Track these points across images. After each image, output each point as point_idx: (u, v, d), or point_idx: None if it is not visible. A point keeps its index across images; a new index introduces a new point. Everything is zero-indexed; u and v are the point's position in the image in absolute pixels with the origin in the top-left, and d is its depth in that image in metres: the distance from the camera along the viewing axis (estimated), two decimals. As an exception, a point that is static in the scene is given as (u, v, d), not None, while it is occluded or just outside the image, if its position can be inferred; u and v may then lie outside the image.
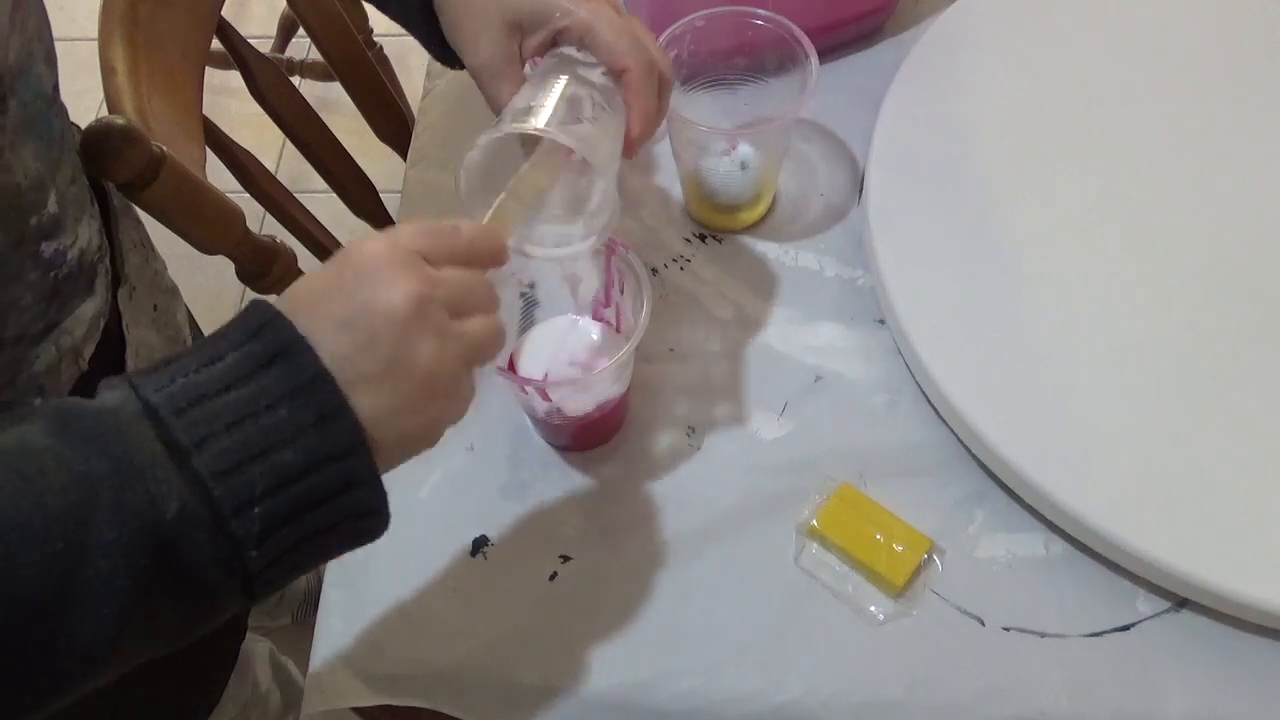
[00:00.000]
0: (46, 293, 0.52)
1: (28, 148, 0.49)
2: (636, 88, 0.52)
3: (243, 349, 0.37)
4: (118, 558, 0.33)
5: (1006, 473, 0.58)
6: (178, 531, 0.34)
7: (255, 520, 0.36)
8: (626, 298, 0.60)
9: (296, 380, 0.37)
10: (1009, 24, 0.76)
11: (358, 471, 0.38)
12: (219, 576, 0.36)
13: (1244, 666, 0.55)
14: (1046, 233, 0.67)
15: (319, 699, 0.59)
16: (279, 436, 0.36)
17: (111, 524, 0.33)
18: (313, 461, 0.37)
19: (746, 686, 0.56)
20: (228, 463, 0.35)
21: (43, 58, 0.50)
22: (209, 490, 0.35)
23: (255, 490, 0.36)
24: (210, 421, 0.35)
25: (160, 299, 0.67)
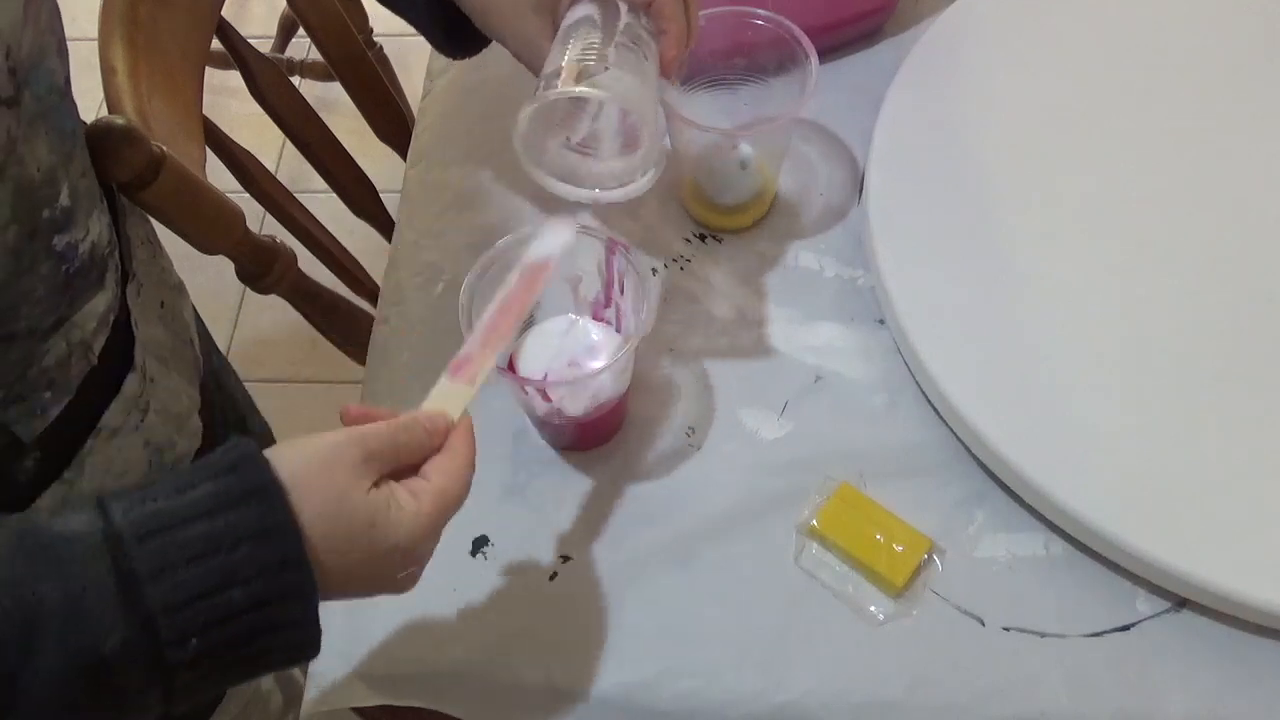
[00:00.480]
0: (58, 286, 0.52)
1: (41, 140, 0.49)
2: (666, 13, 0.53)
3: (215, 482, 0.38)
4: (54, 684, 0.34)
5: (1006, 473, 0.58)
6: (115, 663, 0.35)
7: (190, 649, 0.36)
8: (626, 298, 0.60)
9: (262, 524, 0.38)
10: (1009, 24, 0.76)
11: (297, 614, 0.39)
12: (145, 696, 0.37)
13: (1244, 666, 0.55)
14: (1046, 232, 0.67)
15: (319, 699, 0.59)
16: (233, 576, 0.37)
17: (53, 654, 0.34)
18: (257, 602, 0.38)
19: (746, 686, 0.56)
20: (179, 598, 0.36)
21: (55, 50, 0.50)
22: (154, 623, 0.36)
23: (199, 623, 0.36)
24: (170, 552, 0.36)
25: (167, 295, 0.67)
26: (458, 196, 0.75)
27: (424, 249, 0.73)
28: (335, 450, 0.42)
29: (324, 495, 0.41)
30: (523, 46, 0.55)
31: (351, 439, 0.43)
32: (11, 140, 0.46)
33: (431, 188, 0.76)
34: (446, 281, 0.71)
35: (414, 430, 0.45)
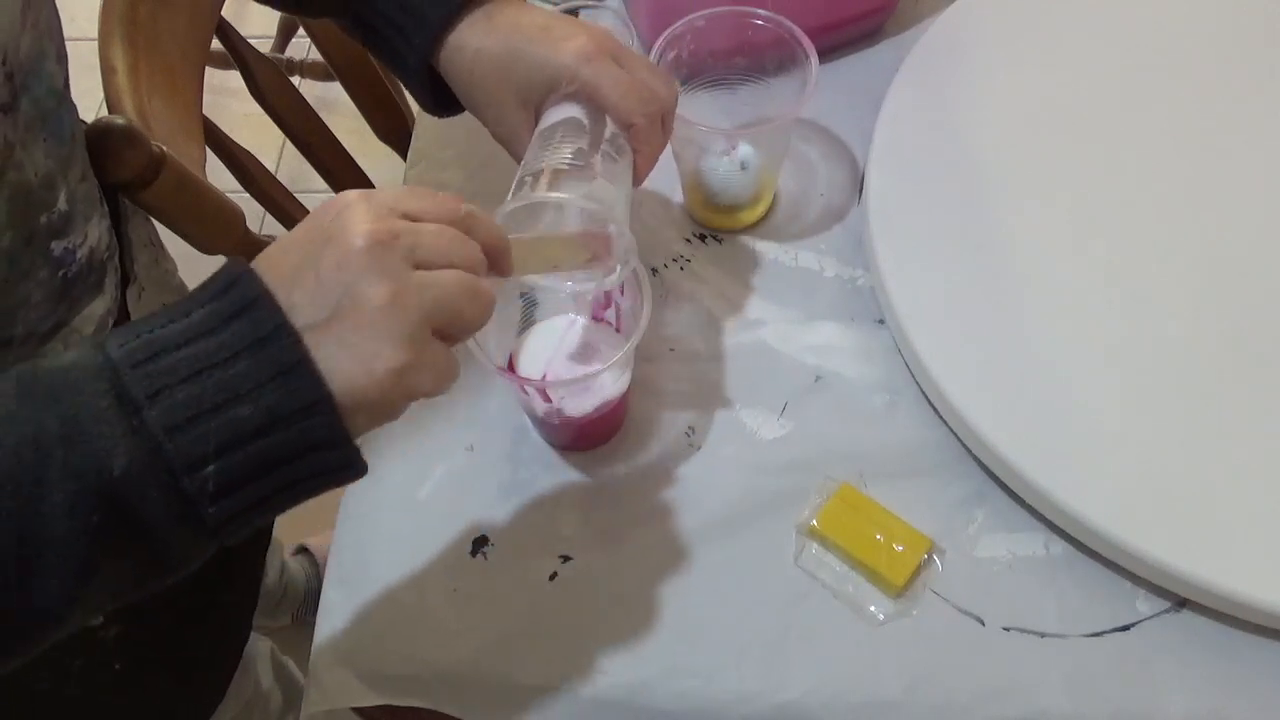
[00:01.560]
0: (56, 291, 0.52)
1: (39, 145, 0.49)
2: (644, 137, 0.54)
3: (209, 305, 0.37)
4: (70, 518, 0.33)
5: (1006, 473, 0.58)
6: (127, 488, 0.34)
7: (209, 479, 0.35)
8: (626, 298, 0.60)
9: (256, 333, 0.36)
10: (1009, 24, 0.76)
11: (319, 431, 0.36)
12: (175, 531, 0.35)
13: (1244, 666, 0.55)
14: (1047, 232, 0.67)
15: (319, 699, 0.59)
16: (235, 391, 0.35)
17: (61, 485, 0.33)
18: (271, 419, 0.36)
19: (746, 686, 0.56)
20: (180, 417, 0.34)
21: (54, 55, 0.50)
22: (160, 446, 0.34)
23: (209, 447, 0.35)
24: (165, 375, 0.35)
25: (170, 298, 0.67)
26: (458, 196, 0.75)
27: (424, 249, 0.73)
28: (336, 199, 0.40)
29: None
30: (505, 134, 0.56)
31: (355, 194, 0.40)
32: (9, 146, 0.46)
33: (431, 188, 0.76)
34: (446, 281, 0.71)
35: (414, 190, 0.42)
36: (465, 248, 0.41)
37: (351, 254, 0.37)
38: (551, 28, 0.54)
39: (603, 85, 0.52)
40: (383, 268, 0.37)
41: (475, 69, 0.55)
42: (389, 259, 0.38)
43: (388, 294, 0.37)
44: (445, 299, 0.39)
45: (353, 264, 0.37)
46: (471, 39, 0.55)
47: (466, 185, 0.75)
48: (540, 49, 0.53)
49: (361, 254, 0.37)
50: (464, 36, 0.55)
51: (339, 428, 0.37)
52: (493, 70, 0.54)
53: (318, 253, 0.37)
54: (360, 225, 0.38)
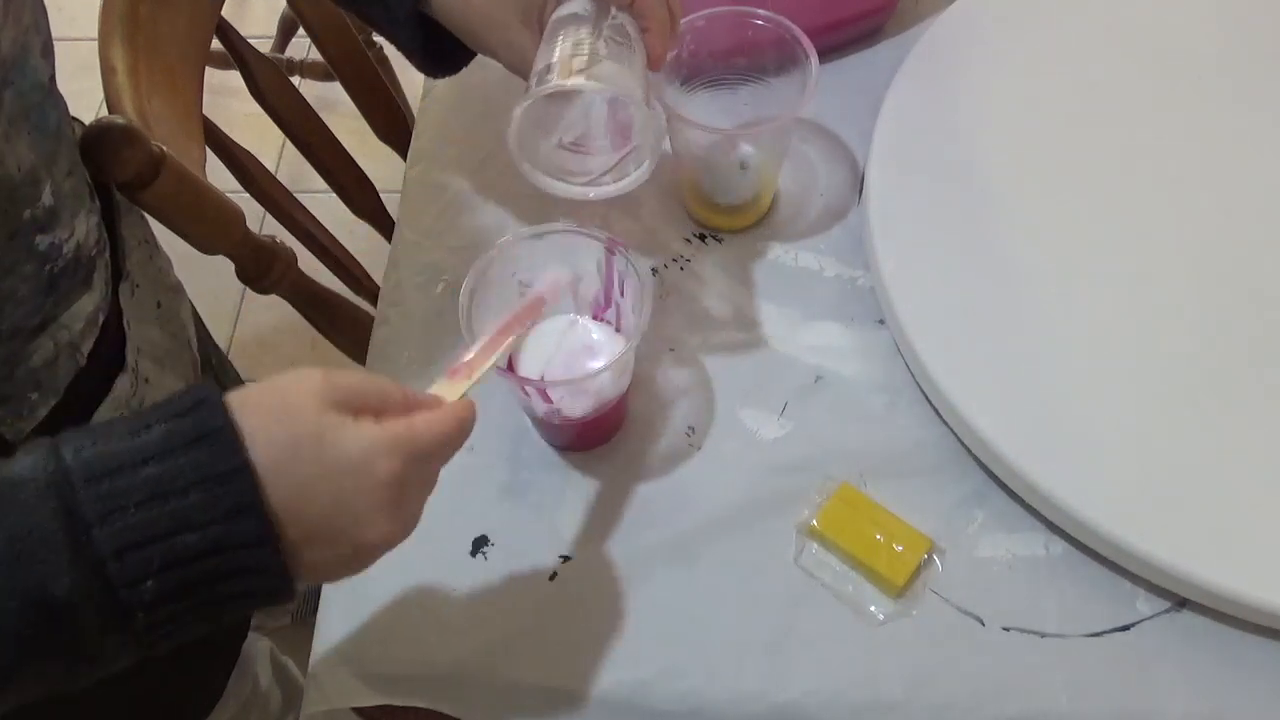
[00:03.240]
0: (42, 286, 0.52)
1: (22, 139, 0.49)
2: (646, 11, 0.53)
3: (169, 424, 0.37)
4: (6, 634, 0.34)
5: (1006, 473, 0.58)
6: (65, 605, 0.35)
7: (146, 592, 0.36)
8: (626, 298, 0.60)
9: (214, 469, 0.37)
10: (1009, 24, 0.76)
11: (259, 561, 0.38)
12: (106, 640, 0.36)
13: (1244, 666, 0.55)
14: (1047, 232, 0.67)
15: (319, 699, 0.59)
16: (185, 521, 0.36)
17: (2, 593, 0.34)
18: (214, 548, 0.37)
19: (746, 686, 0.56)
20: (128, 541, 0.35)
21: (39, 49, 0.50)
22: (105, 564, 0.35)
23: (151, 567, 0.36)
24: (118, 496, 0.35)
25: (164, 296, 0.67)
26: (457, 196, 0.75)
27: (424, 249, 0.73)
28: (295, 374, 0.41)
29: (270, 407, 0.39)
30: (514, 58, 0.55)
31: (317, 369, 0.41)
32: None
33: (431, 188, 0.76)
34: (446, 281, 0.71)
35: (388, 386, 0.44)
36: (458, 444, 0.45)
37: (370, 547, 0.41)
38: None
39: None
40: (388, 548, 0.42)
41: (468, 2, 0.54)
42: (400, 508, 0.42)
43: (381, 536, 0.42)
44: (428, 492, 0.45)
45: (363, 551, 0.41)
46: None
47: (466, 185, 0.75)
48: None
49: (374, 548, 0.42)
50: None
51: (282, 567, 0.39)
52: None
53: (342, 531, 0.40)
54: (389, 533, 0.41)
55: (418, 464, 0.42)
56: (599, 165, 0.55)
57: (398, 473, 0.41)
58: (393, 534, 0.42)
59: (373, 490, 0.40)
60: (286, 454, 0.38)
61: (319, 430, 0.39)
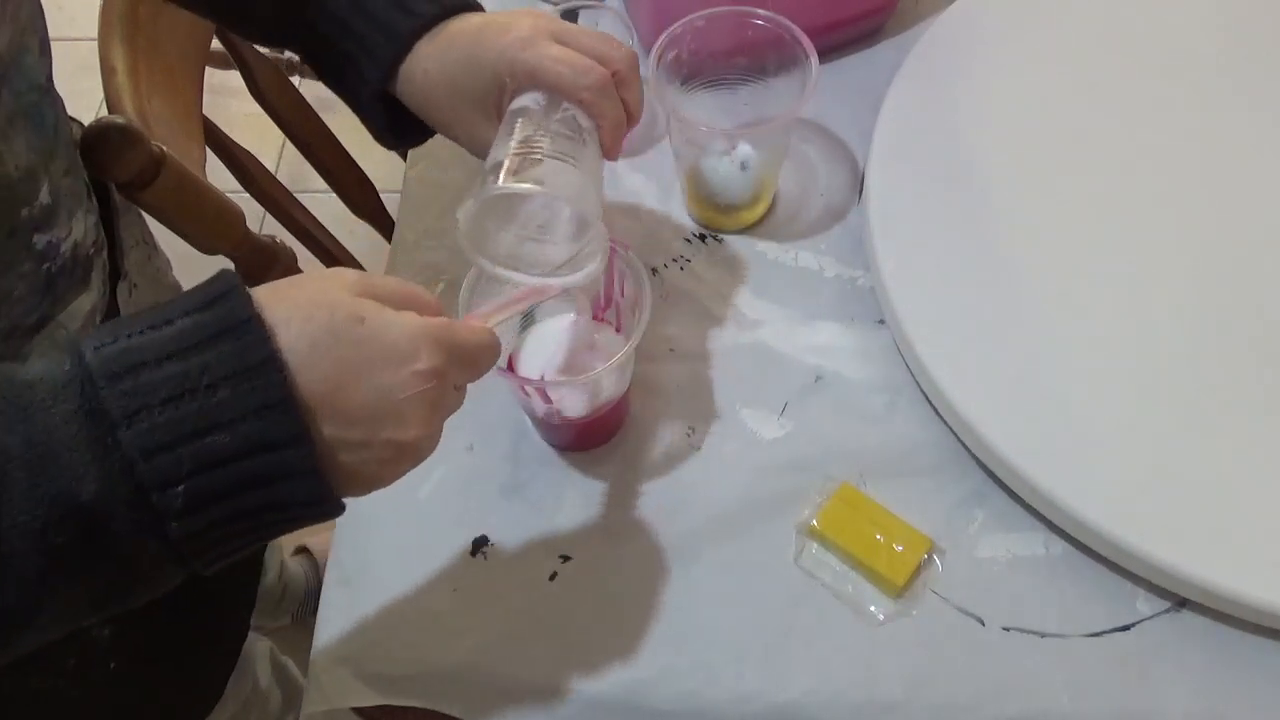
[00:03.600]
0: (40, 285, 0.52)
1: (20, 138, 0.49)
2: (597, 108, 0.52)
3: (192, 316, 0.35)
4: (31, 538, 0.32)
5: (1006, 473, 0.58)
6: (96, 510, 0.33)
7: (178, 496, 0.34)
8: (626, 298, 0.60)
9: (242, 362, 0.35)
10: (1009, 24, 0.76)
11: (294, 464, 0.36)
12: (140, 546, 0.35)
13: (1244, 666, 0.55)
14: (1047, 232, 0.67)
15: (319, 699, 0.59)
16: (215, 419, 0.34)
17: (24, 506, 0.32)
18: (247, 448, 0.35)
19: (746, 686, 0.56)
20: (156, 442, 0.34)
21: (36, 48, 0.50)
22: (133, 467, 0.33)
23: (182, 470, 0.34)
24: (144, 394, 0.34)
25: (163, 296, 0.67)
26: (458, 196, 0.75)
27: (424, 249, 0.73)
28: (329, 270, 0.40)
29: (303, 298, 0.37)
30: (478, 147, 0.55)
31: (344, 269, 0.40)
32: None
33: (431, 188, 0.76)
34: (446, 281, 0.71)
35: (425, 293, 0.43)
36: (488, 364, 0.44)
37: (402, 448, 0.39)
38: (486, 26, 0.52)
39: (539, 66, 0.51)
40: (422, 451, 0.40)
41: (428, 92, 0.54)
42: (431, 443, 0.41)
43: (416, 437, 0.40)
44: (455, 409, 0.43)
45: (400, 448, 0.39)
46: (418, 66, 0.53)
47: (467, 185, 0.75)
48: (479, 51, 0.52)
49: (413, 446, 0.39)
50: (413, 65, 0.53)
51: (317, 469, 0.37)
52: (443, 88, 0.53)
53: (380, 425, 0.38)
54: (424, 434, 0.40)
55: (459, 365, 0.41)
56: (558, 255, 0.54)
57: (439, 367, 0.39)
58: (427, 439, 0.40)
59: (415, 381, 0.38)
60: (324, 339, 0.36)
61: (359, 313, 0.38)
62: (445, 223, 0.74)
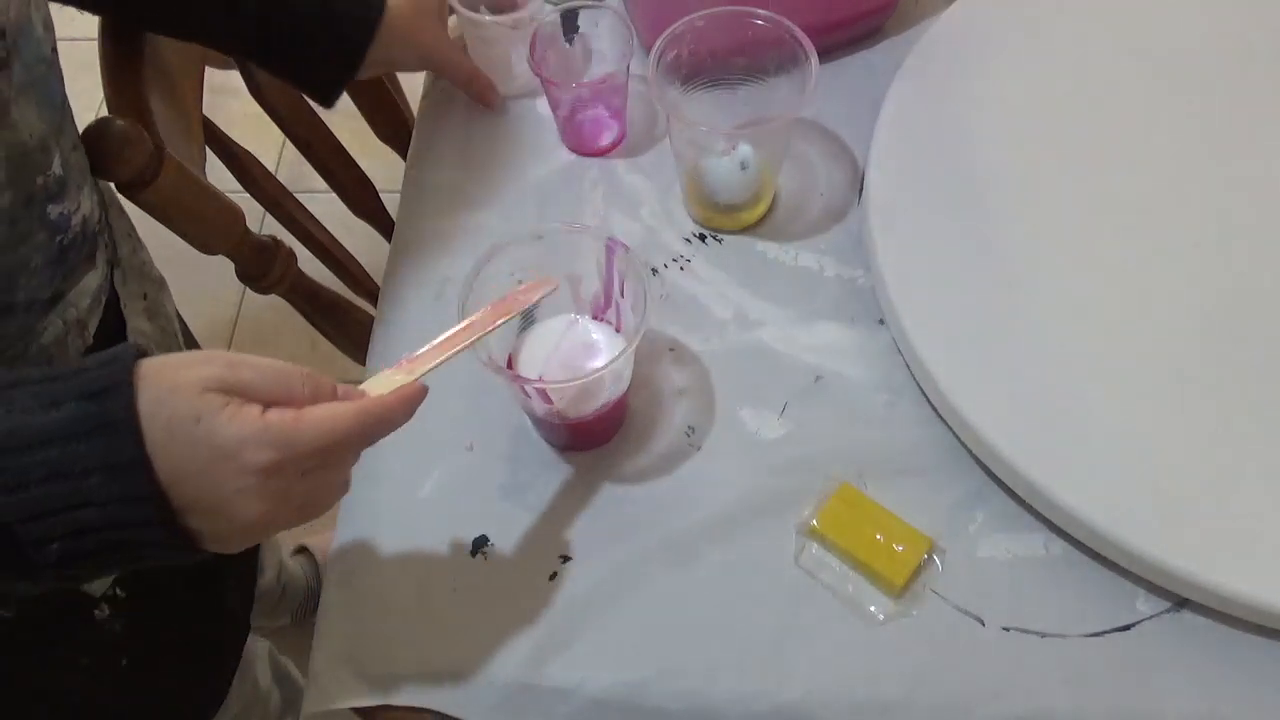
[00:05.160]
0: (53, 257, 0.53)
1: (31, 108, 0.50)
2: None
3: (79, 405, 0.39)
4: None
5: (1006, 473, 0.58)
6: None
7: (52, 554, 0.39)
8: (626, 298, 0.60)
9: (116, 458, 0.39)
10: (1009, 24, 0.76)
11: (155, 537, 0.40)
12: (18, 583, 0.40)
13: (1244, 666, 0.55)
14: (1046, 232, 0.67)
15: (319, 699, 0.59)
16: (86, 498, 0.39)
17: None
18: (112, 523, 0.39)
19: (746, 686, 0.56)
20: (34, 510, 0.38)
21: (41, 22, 0.51)
22: (13, 530, 0.38)
23: (55, 533, 0.39)
24: (24, 471, 0.38)
25: (149, 288, 0.68)
26: (458, 196, 0.75)
27: (424, 249, 0.73)
28: (202, 354, 0.42)
29: (162, 384, 0.40)
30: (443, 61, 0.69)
31: (224, 353, 0.43)
32: (4, 103, 0.47)
33: (431, 188, 0.76)
34: (447, 281, 0.71)
35: (295, 379, 0.44)
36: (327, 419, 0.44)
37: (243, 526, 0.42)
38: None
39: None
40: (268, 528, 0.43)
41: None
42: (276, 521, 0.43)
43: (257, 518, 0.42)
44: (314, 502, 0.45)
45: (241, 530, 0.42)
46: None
47: (466, 185, 0.75)
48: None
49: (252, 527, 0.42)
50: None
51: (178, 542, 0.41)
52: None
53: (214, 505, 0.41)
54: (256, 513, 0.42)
55: (295, 456, 0.42)
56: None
57: (267, 463, 0.41)
58: (274, 516, 0.42)
59: (240, 475, 0.41)
60: (164, 434, 0.40)
61: (195, 413, 0.40)
62: (445, 223, 0.74)
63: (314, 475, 0.44)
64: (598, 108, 0.75)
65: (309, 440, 0.42)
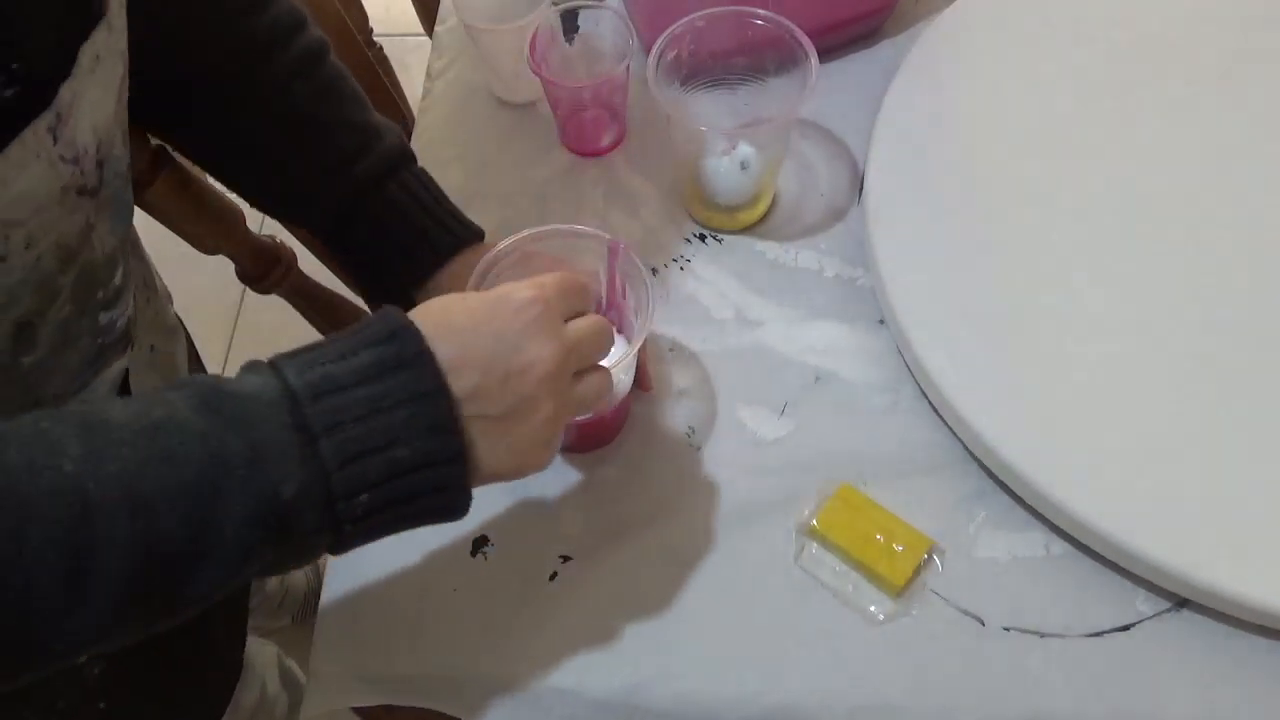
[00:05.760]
0: (91, 358, 0.53)
1: (107, 224, 0.50)
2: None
3: (375, 349, 0.41)
4: (240, 526, 0.38)
5: (1006, 473, 0.58)
6: (292, 508, 0.38)
7: (360, 505, 0.40)
8: (628, 301, 0.60)
9: (419, 387, 0.41)
10: (1009, 24, 0.76)
11: (453, 477, 0.42)
12: (316, 542, 0.41)
13: (1244, 666, 0.55)
14: (1046, 232, 0.67)
15: (319, 699, 0.59)
16: (397, 435, 0.40)
17: (239, 500, 0.37)
18: (421, 462, 0.41)
19: (746, 686, 0.56)
20: (350, 452, 0.39)
21: (122, 138, 0.51)
22: (329, 475, 0.39)
23: (368, 480, 0.40)
24: (340, 411, 0.40)
25: (158, 339, 0.66)
26: (457, 197, 0.75)
27: (424, 249, 0.73)
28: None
29: (431, 306, 0.44)
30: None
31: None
32: (89, 227, 0.48)
33: (431, 188, 0.76)
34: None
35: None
36: (605, 345, 0.49)
37: (536, 373, 0.44)
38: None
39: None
40: (555, 389, 0.45)
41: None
42: (561, 381, 0.45)
43: (552, 412, 0.45)
44: (585, 404, 0.48)
45: (536, 381, 0.44)
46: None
47: (466, 185, 0.75)
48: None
49: (545, 376, 0.44)
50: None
51: (466, 479, 0.43)
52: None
53: (505, 355, 0.44)
54: (549, 347, 0.45)
55: (557, 291, 0.46)
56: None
57: (534, 296, 0.45)
58: (554, 353, 0.45)
59: (517, 313, 0.44)
60: (441, 319, 0.43)
61: (460, 294, 0.45)
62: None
63: (575, 321, 0.47)
64: (598, 108, 0.75)
65: (551, 280, 0.46)
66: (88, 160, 0.46)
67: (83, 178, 0.46)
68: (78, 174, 0.45)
